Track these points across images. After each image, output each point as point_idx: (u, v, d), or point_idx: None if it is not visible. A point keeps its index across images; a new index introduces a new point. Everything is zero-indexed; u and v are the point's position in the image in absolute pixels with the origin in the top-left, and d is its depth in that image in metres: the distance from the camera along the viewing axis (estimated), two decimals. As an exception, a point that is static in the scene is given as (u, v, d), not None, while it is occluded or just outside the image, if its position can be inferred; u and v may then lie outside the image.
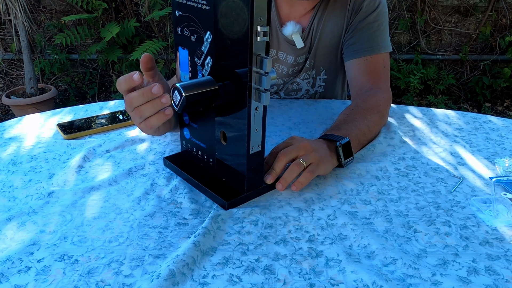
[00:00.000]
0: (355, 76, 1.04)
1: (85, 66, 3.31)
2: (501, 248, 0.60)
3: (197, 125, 0.73)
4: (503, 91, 3.23)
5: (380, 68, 1.02)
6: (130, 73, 0.66)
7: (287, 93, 1.17)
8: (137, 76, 0.65)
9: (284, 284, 0.54)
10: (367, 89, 0.98)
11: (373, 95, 0.95)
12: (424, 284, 0.54)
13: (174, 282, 0.53)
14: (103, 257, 0.58)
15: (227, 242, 0.61)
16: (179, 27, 0.69)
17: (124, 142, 0.89)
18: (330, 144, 0.77)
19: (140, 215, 0.67)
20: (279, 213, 0.67)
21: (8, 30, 3.18)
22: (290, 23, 1.06)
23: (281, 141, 0.77)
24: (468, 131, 0.96)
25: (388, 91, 0.99)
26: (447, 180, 0.77)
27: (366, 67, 1.02)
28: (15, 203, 0.70)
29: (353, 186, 0.75)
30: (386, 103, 0.95)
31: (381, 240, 0.61)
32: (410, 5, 3.14)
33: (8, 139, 0.92)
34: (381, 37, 1.03)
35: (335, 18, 1.06)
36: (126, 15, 3.12)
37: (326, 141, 0.77)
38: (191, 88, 0.62)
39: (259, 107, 0.63)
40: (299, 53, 1.10)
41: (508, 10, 3.10)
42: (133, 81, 0.66)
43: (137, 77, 0.65)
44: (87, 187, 0.73)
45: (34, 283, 0.54)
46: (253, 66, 0.59)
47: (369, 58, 1.02)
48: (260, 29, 0.57)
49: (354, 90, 1.03)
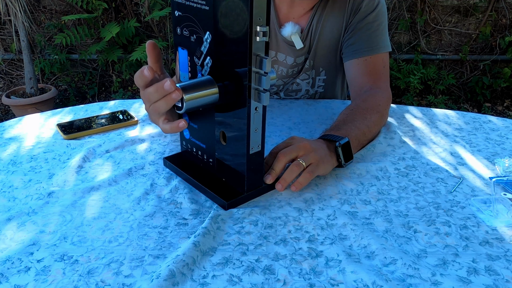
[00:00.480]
0: (355, 76, 1.04)
1: (85, 66, 3.31)
2: (501, 248, 0.60)
3: (197, 125, 0.73)
4: (503, 91, 3.23)
5: (379, 68, 1.02)
6: (142, 68, 0.66)
7: (287, 93, 1.17)
8: (147, 70, 0.65)
9: (284, 284, 0.54)
10: (366, 89, 0.98)
11: (372, 95, 0.95)
12: (424, 284, 0.54)
13: (174, 282, 0.53)
14: (103, 257, 0.58)
15: (227, 242, 0.61)
16: (179, 27, 0.69)
17: (124, 142, 0.89)
18: (329, 144, 0.77)
19: (140, 215, 0.67)
20: (279, 213, 0.67)
21: (8, 30, 3.18)
22: (289, 23, 1.06)
23: (281, 141, 0.77)
24: (468, 131, 0.96)
25: (388, 91, 0.99)
26: (447, 180, 0.77)
27: (366, 67, 1.02)
28: (15, 203, 0.70)
29: (353, 186, 0.75)
30: (386, 103, 0.95)
31: (381, 240, 0.61)
32: (410, 5, 3.14)
33: (8, 139, 0.92)
34: (381, 37, 1.03)
35: (334, 18, 1.06)
36: (126, 15, 3.12)
37: (325, 141, 0.77)
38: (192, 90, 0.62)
39: (258, 107, 0.63)
40: (299, 53, 1.10)
41: (508, 10, 3.10)
42: (145, 76, 0.65)
43: (147, 71, 0.65)
44: (87, 187, 0.73)
45: (34, 283, 0.54)
46: (253, 66, 0.59)
47: (369, 58, 1.02)
48: (260, 29, 0.57)
49: (354, 90, 1.03)
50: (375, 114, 0.89)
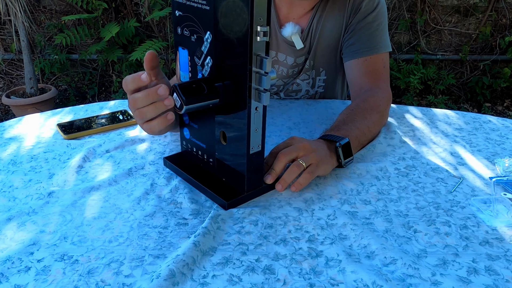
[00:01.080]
0: (355, 76, 1.04)
1: (85, 66, 3.31)
2: (501, 248, 0.60)
3: (197, 125, 0.73)
4: (503, 91, 3.23)
5: (379, 68, 1.02)
6: (138, 73, 0.65)
7: (287, 94, 1.17)
8: (145, 76, 0.65)
9: (284, 284, 0.54)
10: (367, 89, 0.98)
11: (372, 96, 0.95)
12: (424, 284, 0.54)
13: (174, 282, 0.53)
14: (103, 257, 0.58)
15: (227, 242, 0.61)
16: (179, 27, 0.69)
17: (124, 142, 0.89)
18: (330, 144, 0.77)
19: (140, 215, 0.67)
20: (279, 213, 0.67)
21: (8, 30, 3.18)
22: (289, 24, 1.06)
23: (281, 141, 0.77)
24: (468, 131, 0.96)
25: (388, 91, 0.99)
26: (447, 180, 0.77)
27: (366, 67, 1.02)
28: (15, 203, 0.70)
29: (353, 186, 0.75)
30: (386, 103, 0.95)
31: (381, 240, 0.61)
32: (410, 5, 3.14)
33: (8, 139, 0.92)
34: (381, 37, 1.03)
35: (334, 18, 1.06)
36: (126, 15, 3.12)
37: (326, 142, 0.77)
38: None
39: (259, 107, 0.63)
40: (299, 54, 1.10)
41: (508, 10, 3.10)
42: (141, 81, 0.65)
43: (145, 77, 0.65)
44: (87, 187, 0.73)
45: (34, 283, 0.54)
46: (253, 66, 0.59)
47: (369, 58, 1.02)
48: (260, 29, 0.57)
49: (354, 90, 1.03)
50: (375, 114, 0.89)
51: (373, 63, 1.02)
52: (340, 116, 0.89)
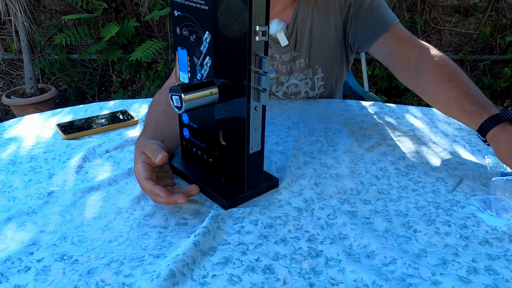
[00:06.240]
0: (390, 52, 1.00)
1: (85, 66, 3.31)
2: (501, 248, 0.60)
3: (196, 125, 0.73)
4: (503, 91, 3.23)
5: (405, 33, 0.99)
6: (153, 155, 0.69)
7: (286, 96, 1.17)
8: (160, 159, 0.68)
9: (284, 284, 0.54)
10: (416, 57, 0.93)
11: (432, 60, 0.89)
12: (424, 284, 0.54)
13: (174, 282, 0.53)
14: (103, 257, 0.58)
15: (227, 242, 0.61)
16: (178, 27, 0.69)
17: (124, 142, 0.89)
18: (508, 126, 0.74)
19: (140, 215, 0.67)
20: (279, 212, 0.67)
21: (8, 30, 3.18)
22: (274, 20, 1.06)
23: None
24: (468, 131, 0.96)
25: (429, 46, 0.94)
26: (447, 180, 0.77)
27: (392, 40, 0.99)
28: (15, 203, 0.70)
29: (353, 186, 0.75)
30: (444, 57, 0.90)
31: (381, 240, 0.61)
32: (410, 5, 3.14)
33: (8, 139, 0.92)
34: (385, 13, 1.01)
35: (322, 14, 1.05)
36: (126, 15, 3.12)
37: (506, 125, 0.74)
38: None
39: (258, 107, 0.63)
40: (284, 51, 1.09)
41: (508, 10, 3.10)
42: (153, 163, 0.69)
43: (160, 159, 0.68)
44: (87, 187, 0.73)
45: (34, 283, 0.54)
46: (252, 66, 0.59)
47: (388, 34, 0.99)
48: (259, 29, 0.57)
49: (399, 62, 0.97)
50: (458, 70, 0.85)
51: (396, 33, 0.99)
52: (453, 91, 0.83)
